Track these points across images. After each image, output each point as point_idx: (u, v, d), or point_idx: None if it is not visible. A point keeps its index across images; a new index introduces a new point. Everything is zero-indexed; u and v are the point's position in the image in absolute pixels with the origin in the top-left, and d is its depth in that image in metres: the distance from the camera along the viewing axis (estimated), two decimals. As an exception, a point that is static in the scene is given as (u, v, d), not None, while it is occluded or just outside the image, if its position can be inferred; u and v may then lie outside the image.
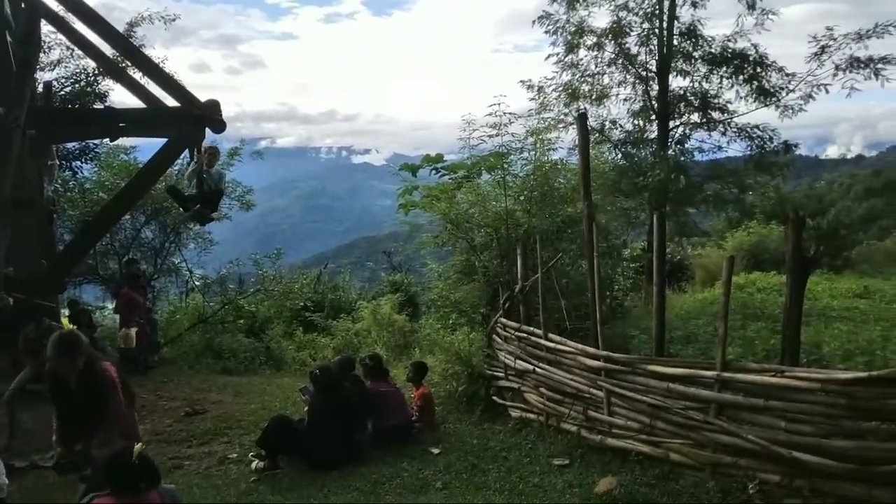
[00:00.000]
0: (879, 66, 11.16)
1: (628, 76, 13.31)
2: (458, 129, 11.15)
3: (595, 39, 13.01)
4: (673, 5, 12.56)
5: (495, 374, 8.02)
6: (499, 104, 10.58)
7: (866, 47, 11.11)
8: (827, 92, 11.68)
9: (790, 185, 25.12)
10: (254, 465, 6.44)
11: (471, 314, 10.91)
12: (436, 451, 6.69)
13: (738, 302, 12.67)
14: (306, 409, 7.03)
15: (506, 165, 11.17)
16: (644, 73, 13.12)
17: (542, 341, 6.92)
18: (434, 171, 13.06)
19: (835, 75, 11.42)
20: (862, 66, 11.23)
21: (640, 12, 12.71)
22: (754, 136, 12.71)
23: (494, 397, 7.87)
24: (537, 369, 6.98)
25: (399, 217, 13.42)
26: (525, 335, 7.33)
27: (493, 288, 10.41)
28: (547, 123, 12.95)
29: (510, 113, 10.96)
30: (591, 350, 6.18)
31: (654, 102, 13.13)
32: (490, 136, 10.93)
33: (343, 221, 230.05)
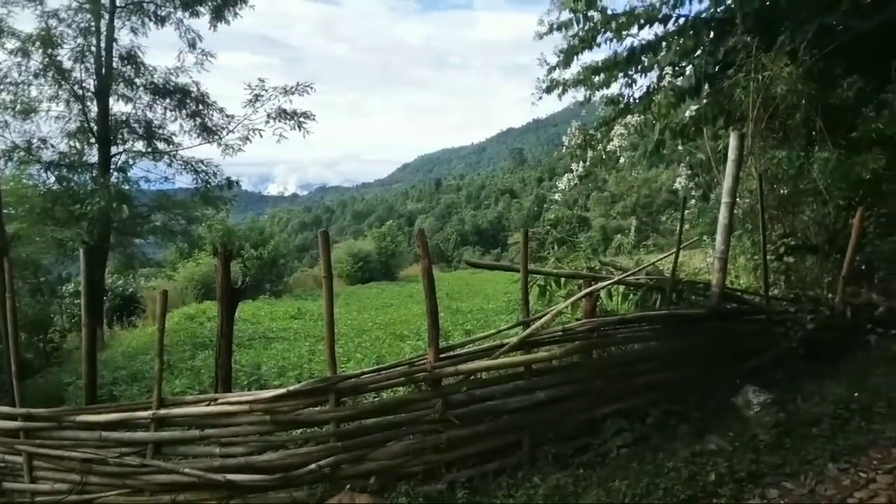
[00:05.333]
0: (301, 119, 13.14)
1: (62, 92, 11.91)
2: None
3: (18, 44, 11.18)
4: (111, 26, 11.92)
5: None
6: None
7: (291, 101, 12.93)
8: (261, 136, 13.05)
9: (236, 218, 27.06)
10: None
11: None
12: None
13: (188, 332, 12.80)
14: None
15: None
16: (81, 92, 11.97)
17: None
18: None
19: (267, 122, 12.88)
20: (288, 117, 13.01)
21: (74, 25, 11.57)
22: (199, 170, 13.15)
23: None
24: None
25: None
26: None
27: None
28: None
29: None
30: (4, 409, 5.12)
31: (93, 125, 12.10)
32: None
33: None
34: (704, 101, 9.54)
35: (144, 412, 4.68)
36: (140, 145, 12.91)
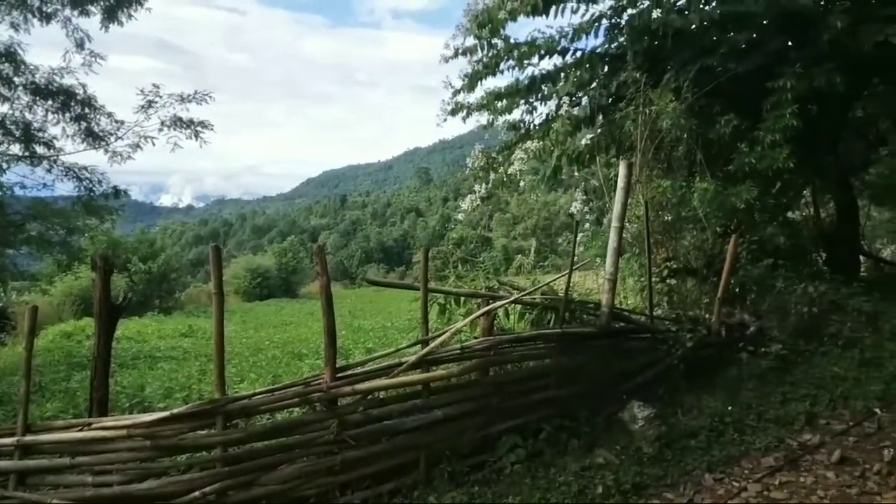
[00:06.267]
0: (198, 128, 12.62)
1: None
2: None
3: None
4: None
5: None
6: None
7: (188, 109, 12.40)
8: (154, 144, 12.40)
9: (126, 230, 25.49)
10: None
11: None
12: None
13: (64, 351, 11.83)
14: None
15: None
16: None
17: None
18: None
19: (160, 129, 12.26)
20: (184, 125, 12.45)
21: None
22: (83, 177, 12.30)
23: None
24: None
25: None
26: None
27: None
28: None
29: None
30: None
31: (-41, 123, 11.03)
32: None
33: None
34: (598, 130, 10.08)
35: (8, 438, 4.26)
36: (16, 148, 11.89)
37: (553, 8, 9.28)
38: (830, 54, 8.27)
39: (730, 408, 5.50)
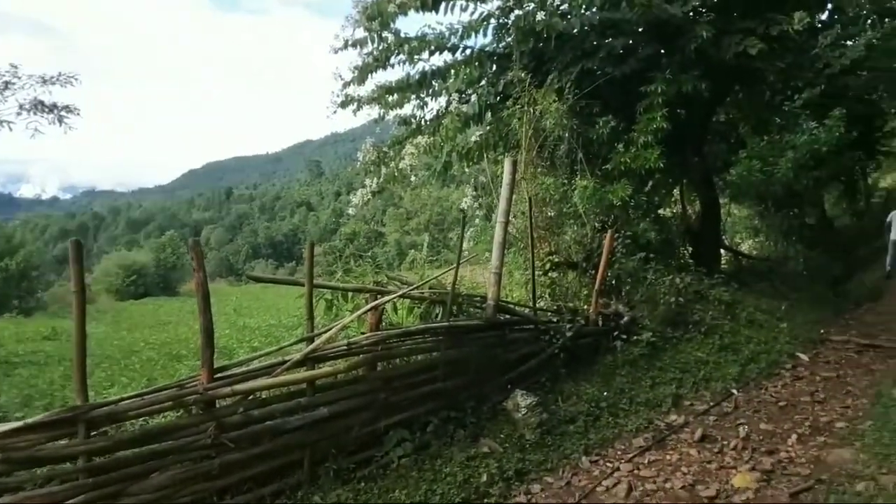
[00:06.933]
0: (63, 113, 11.57)
1: None
2: None
3: None
4: None
5: None
6: None
7: (51, 93, 11.34)
8: (10, 129, 11.25)
9: (-24, 223, 22.89)
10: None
11: None
12: None
13: None
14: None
15: None
16: None
17: None
18: None
19: (19, 114, 11.14)
20: (46, 110, 11.38)
21: None
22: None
23: None
24: None
25: None
26: None
27: None
28: None
29: None
30: None
31: None
32: None
33: None
34: (487, 127, 10.30)
35: None
36: None
37: (443, 5, 9.37)
38: (697, 62, 8.95)
39: (605, 393, 5.83)
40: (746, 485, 4.28)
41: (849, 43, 13.03)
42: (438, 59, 10.32)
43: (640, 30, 9.35)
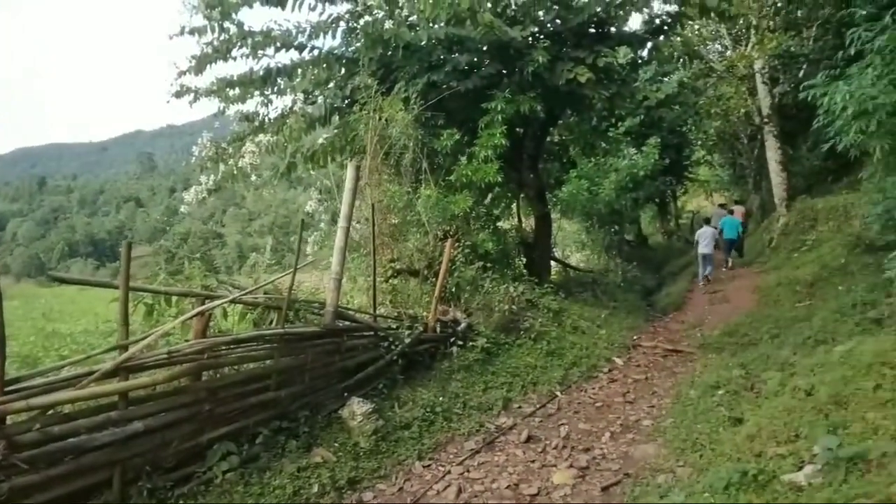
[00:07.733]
0: None
1: None
2: None
3: None
4: None
5: None
6: None
7: None
8: None
9: None
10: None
11: None
12: None
13: None
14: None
15: None
16: None
17: None
18: None
19: None
20: None
21: None
22: None
23: None
24: None
25: None
26: None
27: None
28: None
29: None
30: None
31: None
32: None
33: None
34: (334, 131, 10.17)
35: None
36: None
37: (290, 2, 9.12)
38: (534, 84, 9.54)
39: (441, 398, 5.96)
40: (565, 481, 4.59)
41: (664, 79, 14.65)
42: (285, 57, 10.03)
43: (483, 48, 9.76)
